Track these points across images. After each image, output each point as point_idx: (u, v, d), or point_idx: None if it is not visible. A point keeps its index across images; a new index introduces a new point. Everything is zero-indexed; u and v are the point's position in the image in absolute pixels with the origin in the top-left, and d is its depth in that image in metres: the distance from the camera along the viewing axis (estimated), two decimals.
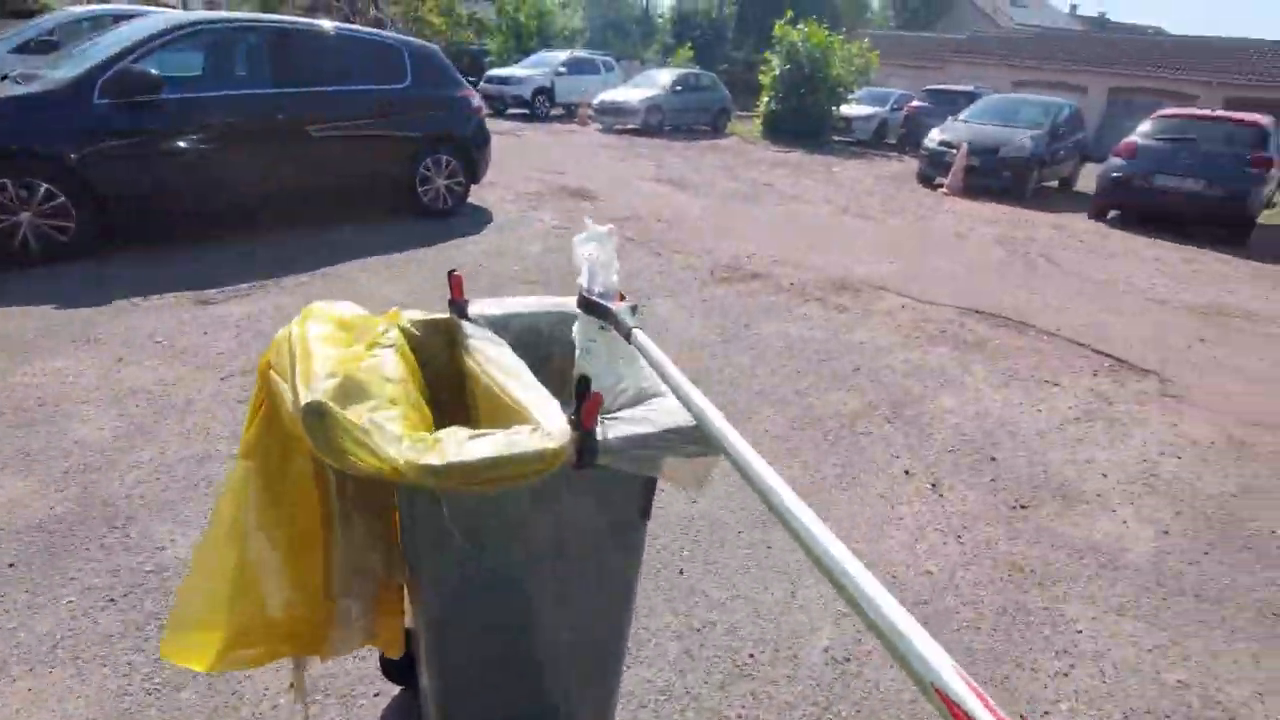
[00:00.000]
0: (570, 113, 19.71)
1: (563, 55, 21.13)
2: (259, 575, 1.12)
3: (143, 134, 5.24)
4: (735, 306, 5.37)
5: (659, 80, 18.82)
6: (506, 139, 13.13)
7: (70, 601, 2.17)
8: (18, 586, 2.20)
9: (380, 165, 6.73)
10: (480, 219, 7.35)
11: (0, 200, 4.71)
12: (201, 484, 2.74)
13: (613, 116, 17.58)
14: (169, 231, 5.60)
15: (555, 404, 1.16)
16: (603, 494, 1.28)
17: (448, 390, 1.52)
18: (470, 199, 7.66)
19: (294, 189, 6.24)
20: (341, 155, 6.40)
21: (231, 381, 3.52)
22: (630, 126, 17.53)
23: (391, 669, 1.93)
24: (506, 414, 1.21)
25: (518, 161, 10.85)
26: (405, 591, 1.48)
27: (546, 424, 1.10)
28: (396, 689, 1.96)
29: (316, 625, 1.23)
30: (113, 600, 2.19)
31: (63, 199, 4.92)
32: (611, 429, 1.14)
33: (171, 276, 4.80)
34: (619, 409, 1.24)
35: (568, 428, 1.10)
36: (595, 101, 17.89)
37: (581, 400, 1.09)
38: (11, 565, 2.30)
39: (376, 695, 1.95)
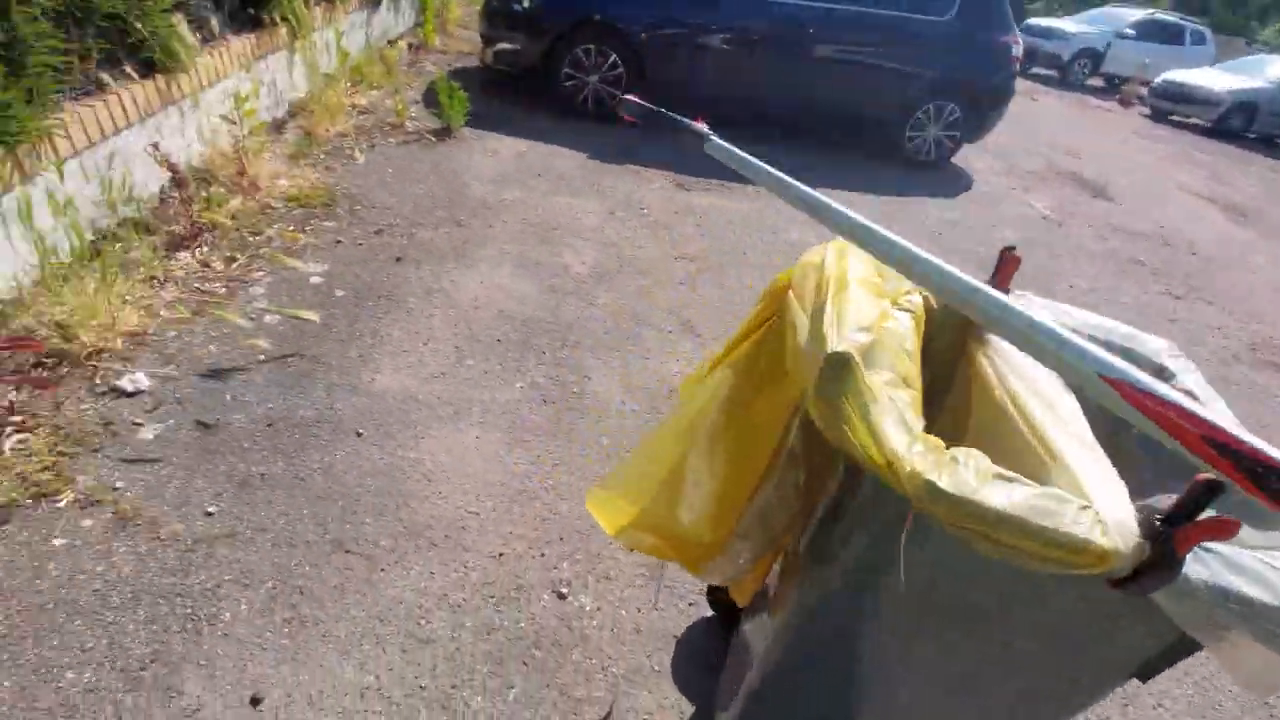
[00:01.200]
0: (1113, 87, 16.03)
1: (1135, 15, 16.95)
2: (688, 479, 1.11)
3: (695, 27, 5.85)
4: None
5: (1268, 70, 13.78)
6: (1019, 102, 11.33)
7: (520, 387, 2.69)
8: (499, 360, 2.82)
9: (881, 100, 6.38)
10: (957, 183, 6.55)
11: (584, 62, 5.84)
12: (628, 341, 3.08)
13: (1173, 103, 13.68)
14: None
15: (1121, 488, 0.80)
16: (1116, 616, 0.90)
17: (926, 374, 1.25)
18: (955, 159, 6.86)
19: (796, 105, 6.37)
20: (849, 83, 6.24)
21: (681, 263, 3.85)
22: (1194, 121, 13.47)
23: (717, 597, 1.91)
24: (1023, 458, 0.89)
25: (1023, 131, 9.29)
26: (782, 558, 1.35)
27: (1105, 509, 0.76)
28: (706, 612, 1.96)
29: (706, 547, 1.19)
30: (545, 401, 2.64)
31: (620, 70, 5.87)
32: (1206, 566, 0.74)
33: (666, 157, 5.42)
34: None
35: (1135, 530, 0.75)
36: (1156, 80, 14.10)
37: (1191, 508, 0.71)
38: (499, 341, 2.94)
39: (691, 605, 1.98)
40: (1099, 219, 6.35)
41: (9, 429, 2.10)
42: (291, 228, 3.51)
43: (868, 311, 0.88)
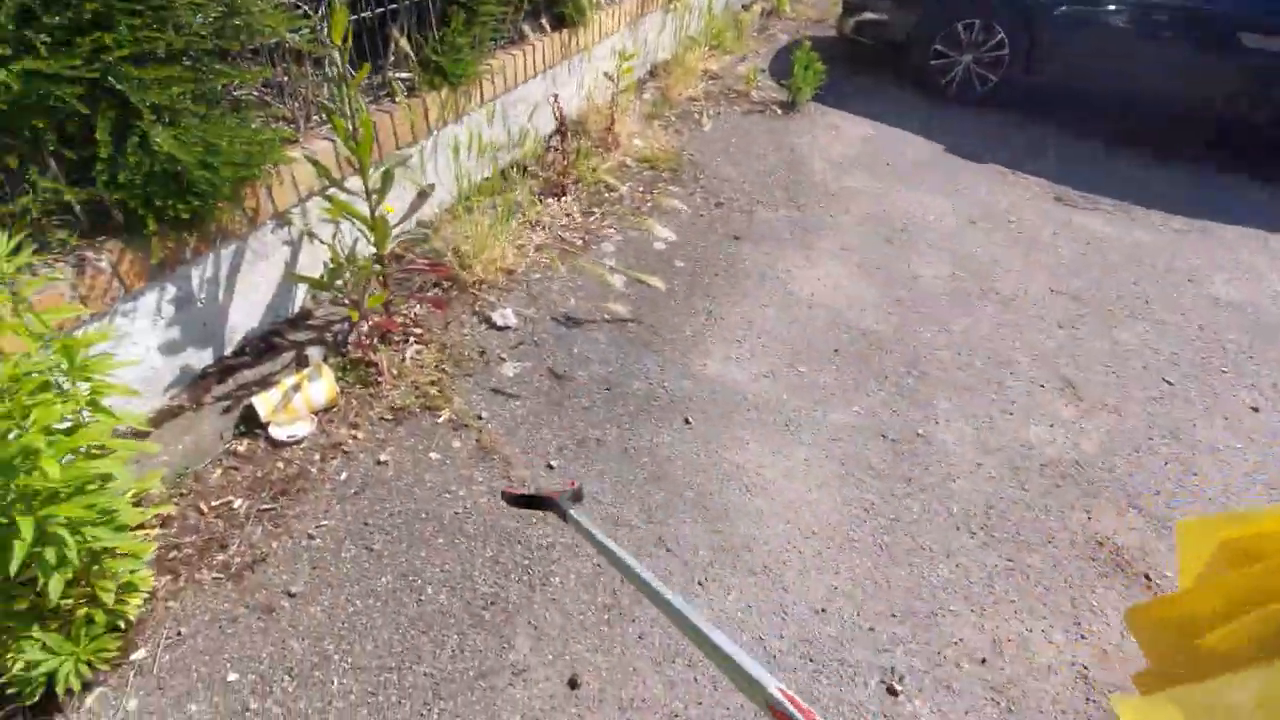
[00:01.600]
0: None
1: None
2: None
3: (1098, 6, 4.68)
4: None
5: None
6: None
7: (856, 411, 2.37)
8: (835, 373, 2.53)
9: None
10: None
11: (961, 38, 5.07)
12: (987, 385, 2.57)
13: None
14: (1053, 108, 5.22)
15: None
16: None
17: None
18: None
19: (1202, 109, 4.84)
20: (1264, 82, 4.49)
21: (1059, 300, 3.14)
22: None
23: None
24: None
25: None
26: None
27: None
28: None
29: None
30: (884, 437, 2.30)
31: (1004, 51, 4.98)
32: None
33: (1043, 158, 4.51)
34: None
35: None
36: None
37: None
38: (835, 352, 2.64)
39: None
40: None
41: (411, 339, 2.39)
42: (641, 189, 3.57)
43: None
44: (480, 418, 2.17)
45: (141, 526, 1.70)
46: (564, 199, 3.32)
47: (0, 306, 1.26)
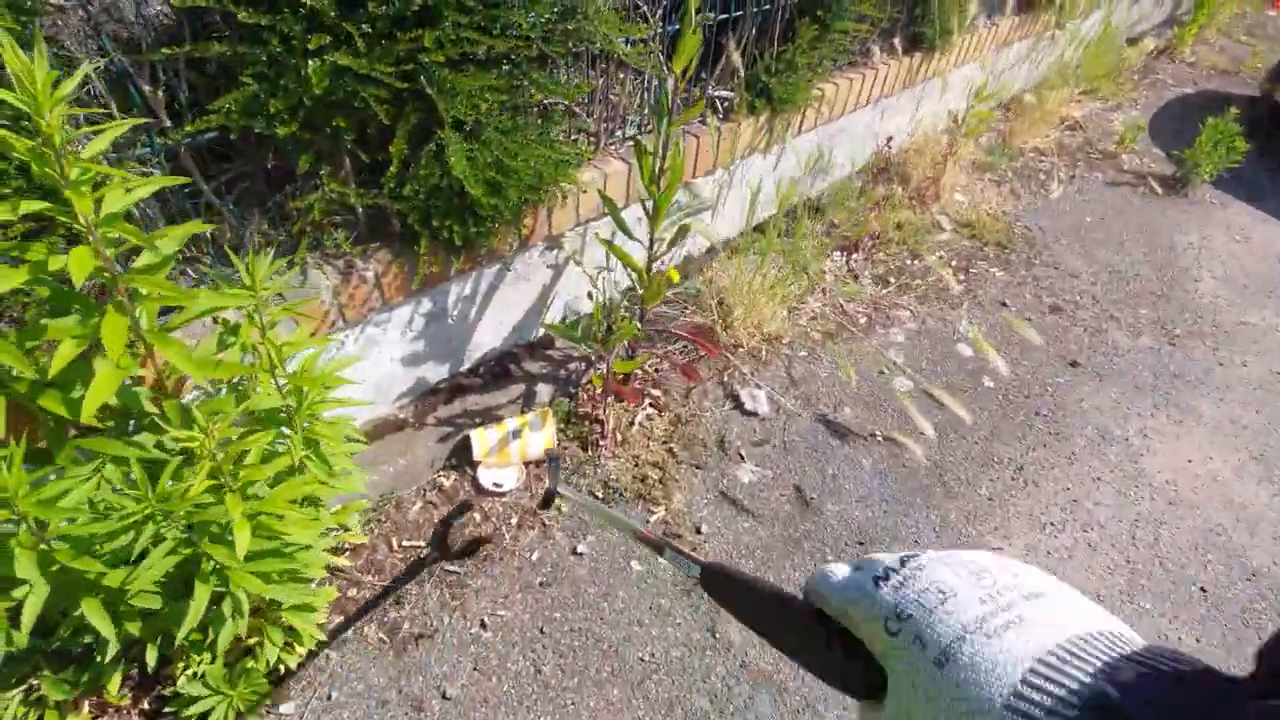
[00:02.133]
0: None
1: None
2: None
3: None
4: None
5: None
6: None
7: None
8: (1189, 624, 1.72)
9: None
10: None
11: None
12: None
13: None
14: None
15: None
16: None
17: None
18: None
19: None
20: None
21: None
22: None
23: None
24: None
25: None
26: None
27: None
28: None
29: None
30: None
31: None
32: None
33: None
34: None
35: None
36: None
37: None
38: (1199, 590, 1.81)
39: None
40: None
41: (646, 399, 2.06)
42: (954, 262, 2.87)
43: None
44: (699, 530, 1.78)
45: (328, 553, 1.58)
46: (854, 255, 2.76)
47: (245, 336, 1.10)
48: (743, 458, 1.97)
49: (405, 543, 1.66)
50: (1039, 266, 2.93)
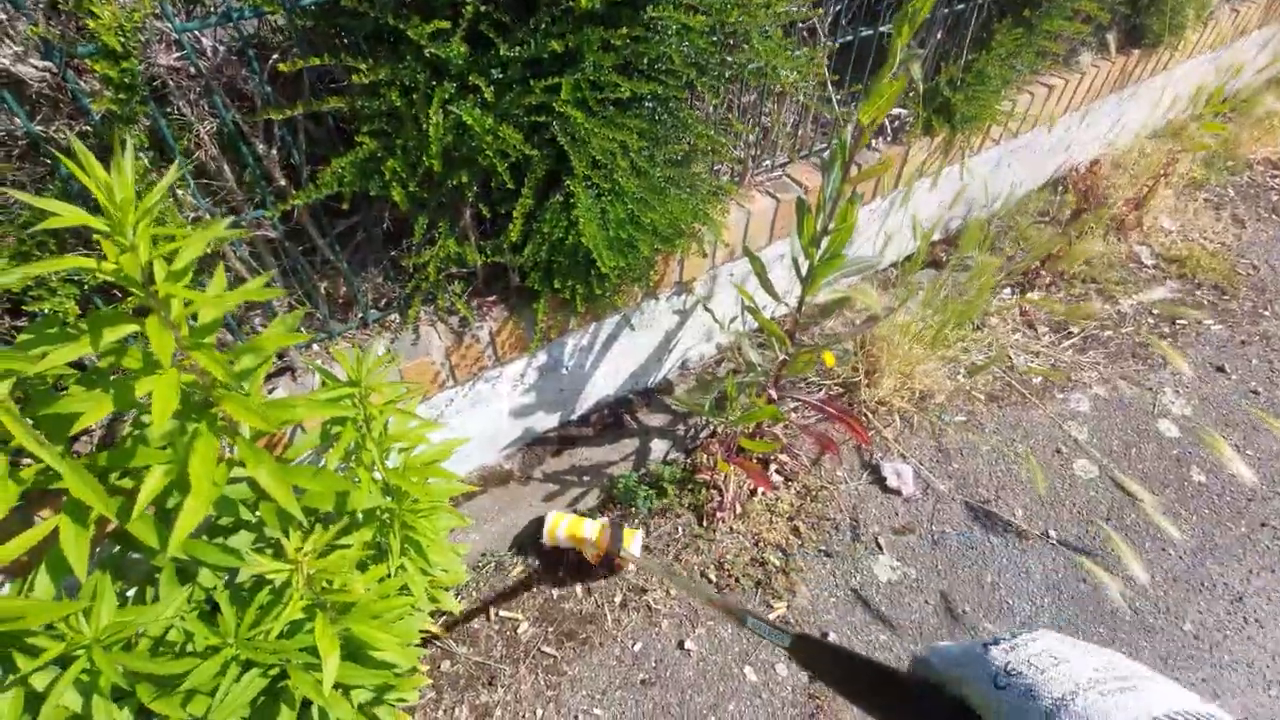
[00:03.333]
0: None
1: None
2: None
3: None
4: None
5: None
6: None
7: None
8: None
9: None
10: None
11: None
12: None
13: None
14: None
15: None
16: None
17: None
18: None
19: None
20: None
21: None
22: None
23: None
24: None
25: None
26: None
27: None
28: None
29: None
30: None
31: None
32: None
33: None
34: None
35: None
36: None
37: None
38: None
39: None
40: None
41: (774, 465, 1.82)
42: (1155, 310, 2.37)
43: None
44: (825, 637, 1.55)
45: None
46: (1030, 294, 2.34)
47: (347, 440, 0.98)
48: (880, 548, 1.70)
49: (503, 613, 1.55)
50: (1269, 320, 2.37)
